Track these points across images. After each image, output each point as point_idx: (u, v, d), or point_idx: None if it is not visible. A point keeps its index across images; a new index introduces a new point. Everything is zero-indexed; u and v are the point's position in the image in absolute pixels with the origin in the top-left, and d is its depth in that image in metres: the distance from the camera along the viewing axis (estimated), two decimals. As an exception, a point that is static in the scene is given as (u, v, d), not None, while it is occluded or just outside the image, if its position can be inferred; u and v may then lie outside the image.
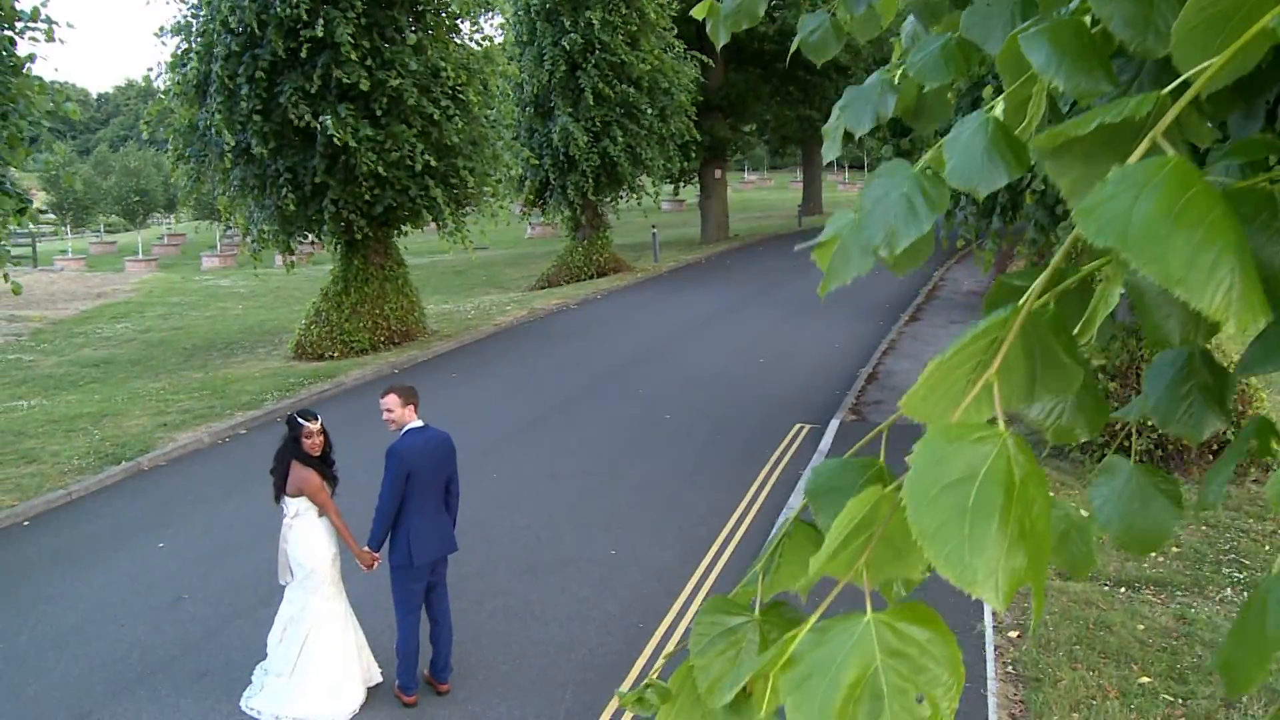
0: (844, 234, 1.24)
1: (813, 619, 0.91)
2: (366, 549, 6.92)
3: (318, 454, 6.77)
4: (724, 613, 1.04)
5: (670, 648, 7.67)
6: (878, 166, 1.25)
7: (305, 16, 16.63)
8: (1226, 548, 9.29)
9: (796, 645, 0.90)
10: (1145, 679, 6.99)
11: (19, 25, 11.00)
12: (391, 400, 6.89)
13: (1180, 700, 6.73)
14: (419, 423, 6.93)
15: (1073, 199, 0.99)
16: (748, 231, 40.03)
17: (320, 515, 6.81)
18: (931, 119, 1.77)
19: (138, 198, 64.25)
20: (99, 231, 59.17)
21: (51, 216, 57.51)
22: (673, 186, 39.47)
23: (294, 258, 20.55)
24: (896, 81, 1.65)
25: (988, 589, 0.78)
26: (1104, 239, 0.78)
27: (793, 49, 2.36)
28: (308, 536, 6.78)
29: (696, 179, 39.13)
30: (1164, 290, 1.02)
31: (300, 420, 6.78)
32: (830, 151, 1.79)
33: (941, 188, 1.20)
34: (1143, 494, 1.43)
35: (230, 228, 23.03)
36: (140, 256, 43.37)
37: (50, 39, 11.19)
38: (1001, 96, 1.29)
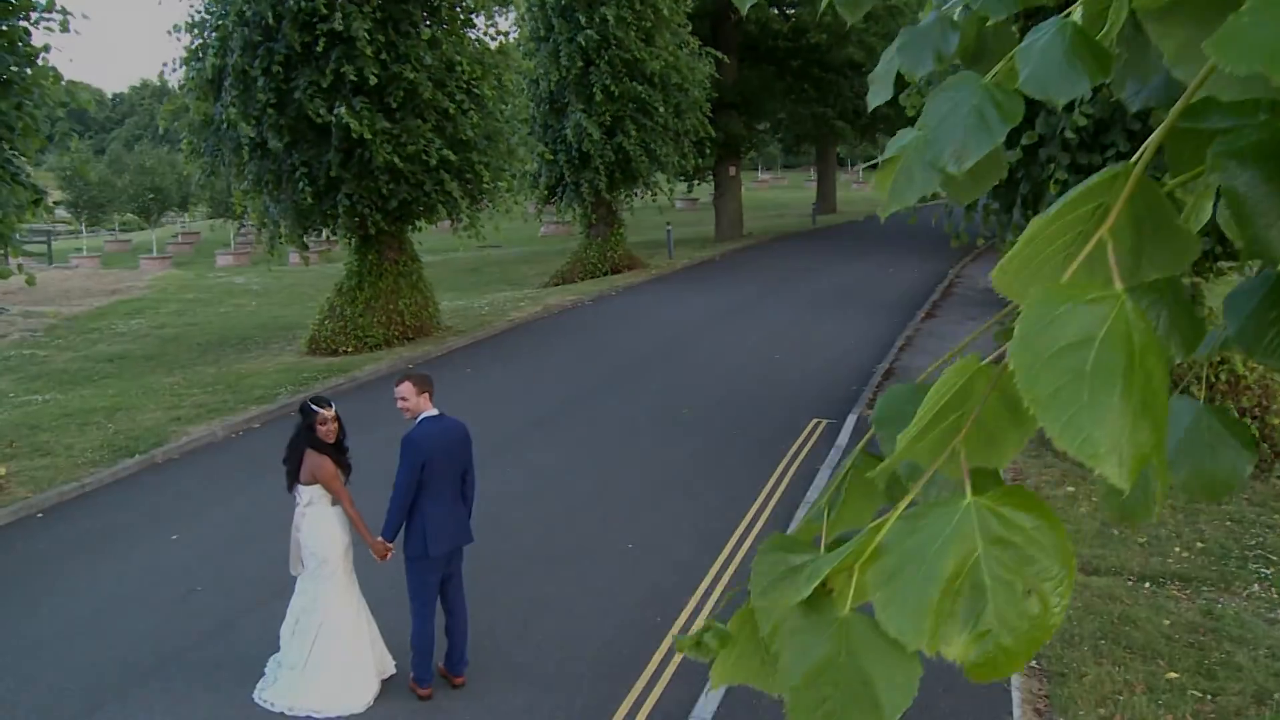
0: (907, 151, 1.14)
1: (901, 506, 0.81)
2: (380, 539, 6.82)
3: (332, 441, 6.69)
4: (786, 551, 0.94)
5: (687, 641, 7.60)
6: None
7: (324, 9, 16.61)
8: (1252, 543, 9.14)
9: (885, 534, 0.80)
10: (1172, 674, 6.85)
11: (34, 16, 10.97)
12: (406, 389, 6.79)
13: (1209, 696, 6.60)
14: (434, 411, 6.84)
15: (1178, 66, 0.88)
16: (762, 230, 39.86)
17: (333, 504, 6.72)
18: (994, 61, 1.66)
19: (152, 195, 64.39)
20: (114, 230, 59.35)
21: (64, 214, 57.60)
22: (687, 184, 39.28)
23: (310, 253, 20.52)
24: (957, 17, 1.54)
25: (1110, 463, 0.69)
26: (1249, 63, 0.67)
27: (824, 5, 2.24)
28: (321, 526, 6.69)
29: (711, 177, 39.00)
30: (1268, 196, 0.91)
31: (314, 407, 6.70)
32: (878, 96, 1.67)
33: (1014, 99, 1.10)
34: (1213, 436, 1.32)
35: (244, 225, 23.00)
36: (155, 254, 43.53)
37: (65, 29, 11.14)
38: (1078, 3, 1.19)
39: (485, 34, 19.86)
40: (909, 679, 0.82)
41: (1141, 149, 0.83)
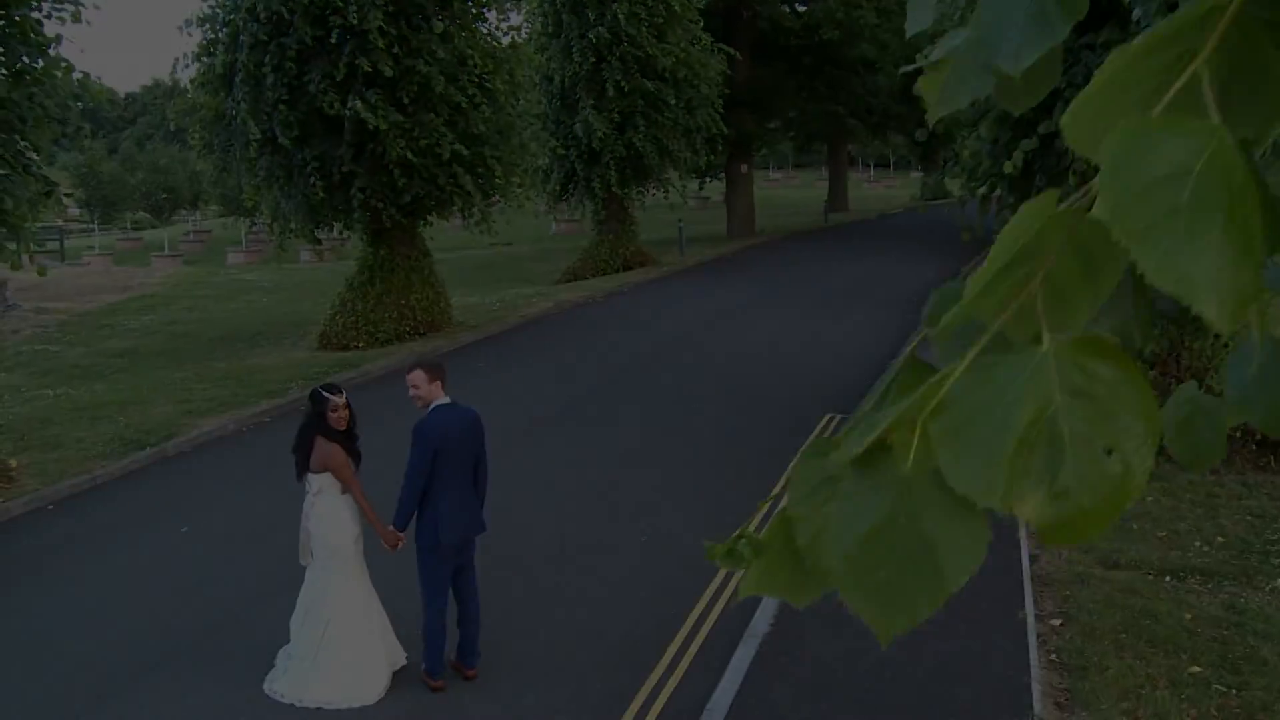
0: (958, 54, 1.06)
1: (969, 357, 0.73)
2: (392, 528, 6.74)
3: (343, 429, 6.62)
4: (827, 457, 0.86)
5: (702, 635, 7.52)
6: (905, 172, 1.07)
7: (339, 2, 16.58)
8: (1274, 538, 9.01)
9: (952, 385, 0.72)
10: (1195, 669, 6.74)
11: (45, 6, 10.93)
12: (418, 376, 6.70)
13: (1233, 691, 6.49)
14: (446, 400, 6.75)
15: None
16: (774, 228, 39.73)
17: (343, 493, 6.65)
18: None
19: (164, 194, 64.58)
20: (126, 228, 59.47)
21: (76, 212, 57.76)
22: (698, 182, 39.15)
23: (324, 248, 20.49)
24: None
25: (1209, 302, 0.62)
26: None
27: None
28: (331, 515, 6.62)
29: (723, 175, 38.88)
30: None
31: (325, 394, 6.63)
32: (918, 22, 1.57)
33: None
34: None
35: (255, 224, 22.99)
36: (166, 252, 43.65)
37: (77, 20, 11.08)
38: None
39: (497, 29, 19.84)
40: (976, 542, 0.75)
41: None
